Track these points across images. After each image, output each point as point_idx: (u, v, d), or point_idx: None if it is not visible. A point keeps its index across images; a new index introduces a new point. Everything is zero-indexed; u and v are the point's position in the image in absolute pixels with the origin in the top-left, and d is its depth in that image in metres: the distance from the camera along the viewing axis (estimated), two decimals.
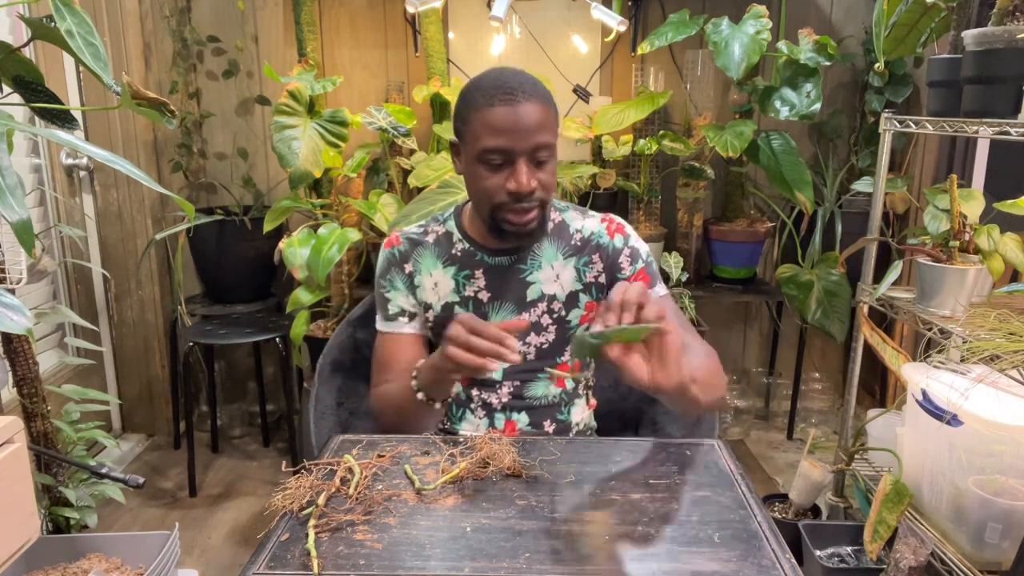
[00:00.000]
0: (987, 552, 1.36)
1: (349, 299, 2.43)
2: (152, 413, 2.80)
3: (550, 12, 2.72)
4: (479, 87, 1.14)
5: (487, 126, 1.11)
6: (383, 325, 1.34)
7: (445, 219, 1.35)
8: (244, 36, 2.70)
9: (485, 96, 1.12)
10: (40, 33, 1.12)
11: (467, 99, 1.15)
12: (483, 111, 1.11)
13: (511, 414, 1.32)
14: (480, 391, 1.33)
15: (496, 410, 1.32)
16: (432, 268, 1.31)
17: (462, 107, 1.17)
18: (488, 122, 1.11)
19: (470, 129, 1.14)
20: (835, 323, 2.46)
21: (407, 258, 1.32)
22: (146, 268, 2.67)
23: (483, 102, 1.12)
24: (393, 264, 1.33)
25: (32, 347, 1.67)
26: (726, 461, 1.08)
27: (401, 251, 1.33)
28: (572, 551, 0.84)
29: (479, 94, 1.13)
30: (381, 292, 1.33)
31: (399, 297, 1.32)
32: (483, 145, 1.12)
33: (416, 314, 1.33)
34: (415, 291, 1.32)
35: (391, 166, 2.53)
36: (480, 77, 1.17)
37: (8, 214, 0.89)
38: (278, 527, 0.89)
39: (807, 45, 2.34)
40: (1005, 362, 1.16)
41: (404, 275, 1.32)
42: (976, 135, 1.50)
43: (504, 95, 1.11)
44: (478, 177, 1.16)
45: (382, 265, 1.34)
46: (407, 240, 1.34)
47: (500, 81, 1.13)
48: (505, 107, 1.11)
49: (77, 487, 1.74)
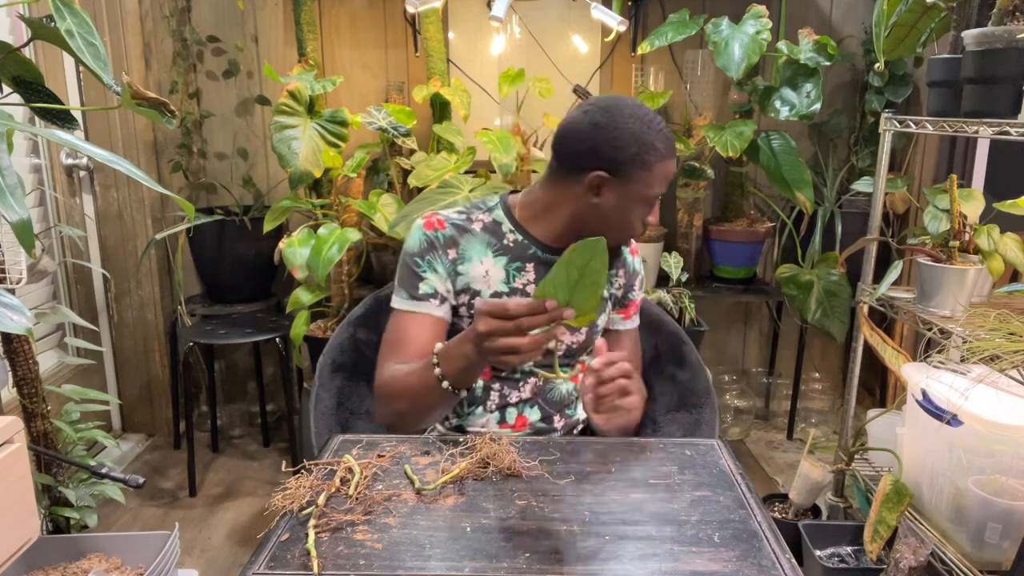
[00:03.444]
0: (987, 552, 1.36)
1: (349, 299, 2.43)
2: (152, 413, 2.80)
3: (550, 12, 2.72)
4: (655, 135, 1.19)
5: (662, 176, 1.22)
6: (406, 303, 1.29)
7: (490, 208, 1.34)
8: (244, 36, 2.70)
9: (666, 148, 1.20)
10: (40, 33, 1.12)
11: (648, 146, 1.18)
12: (664, 163, 1.21)
13: (525, 408, 1.33)
14: (502, 386, 1.32)
15: (511, 404, 1.33)
16: (483, 256, 1.30)
17: (641, 151, 1.18)
18: (664, 173, 1.22)
19: (647, 175, 1.20)
20: (835, 323, 2.46)
21: (453, 244, 1.30)
22: (146, 268, 2.67)
23: (665, 154, 1.20)
24: (436, 247, 1.29)
25: (32, 347, 1.67)
26: (726, 461, 1.08)
27: (446, 235, 1.30)
28: (572, 551, 0.84)
29: (660, 144, 1.20)
30: (413, 270, 1.29)
31: (435, 279, 1.29)
32: (655, 191, 1.22)
33: (447, 299, 1.30)
34: (457, 277, 1.30)
35: (391, 166, 2.53)
36: (648, 121, 1.20)
37: (8, 214, 0.89)
38: (278, 527, 0.89)
39: (807, 45, 2.34)
40: (1005, 362, 1.16)
41: (447, 260, 1.29)
42: (976, 135, 1.50)
43: (673, 148, 1.23)
44: (634, 214, 1.24)
45: (420, 245, 1.29)
46: (452, 226, 1.31)
47: (668, 133, 1.22)
48: (673, 159, 1.24)
49: (77, 487, 1.74)
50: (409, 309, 1.29)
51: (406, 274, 1.30)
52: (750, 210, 2.76)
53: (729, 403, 2.84)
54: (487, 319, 0.99)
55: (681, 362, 1.56)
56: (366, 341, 1.56)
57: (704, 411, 1.49)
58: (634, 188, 1.20)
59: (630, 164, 1.18)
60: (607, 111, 1.19)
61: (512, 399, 1.33)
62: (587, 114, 1.21)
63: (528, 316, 0.95)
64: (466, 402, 1.34)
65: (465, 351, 1.08)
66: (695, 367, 1.55)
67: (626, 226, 1.25)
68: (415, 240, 1.30)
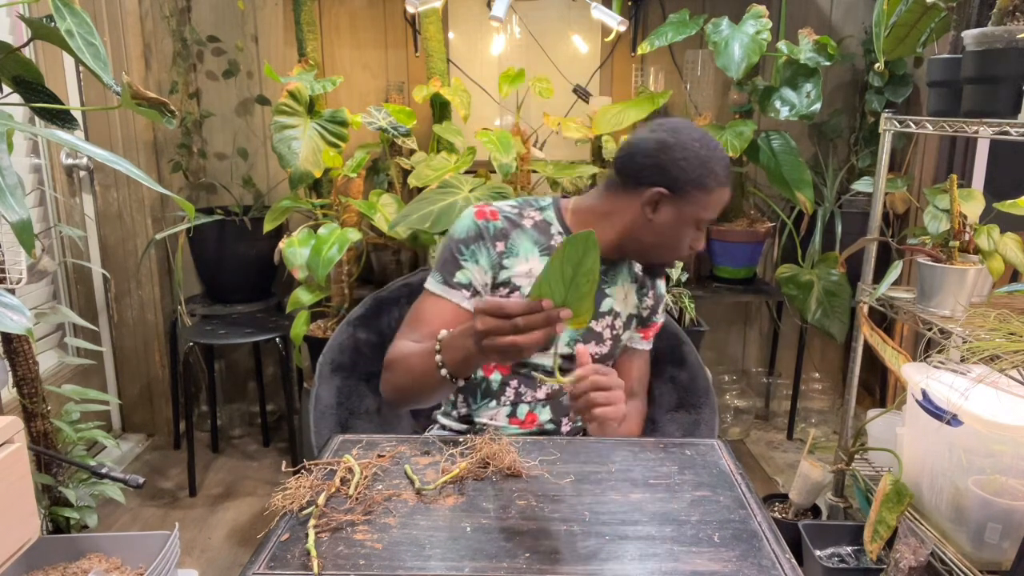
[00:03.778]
0: (987, 552, 1.36)
1: (349, 299, 2.43)
2: (152, 413, 2.80)
3: (550, 12, 2.72)
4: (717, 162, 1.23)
5: (718, 202, 1.25)
6: (439, 288, 1.29)
7: (543, 207, 1.35)
8: (244, 36, 2.70)
9: (724, 175, 1.25)
10: (40, 33, 1.12)
11: (710, 170, 1.22)
12: (721, 190, 1.25)
13: (537, 407, 1.34)
14: (520, 383, 1.33)
15: (525, 402, 1.34)
16: (529, 253, 1.30)
17: (703, 174, 1.22)
18: (720, 199, 1.25)
19: (705, 198, 1.23)
20: (835, 323, 2.46)
21: (503, 236, 1.30)
22: (146, 268, 2.67)
23: (723, 182, 1.24)
24: (485, 237, 1.29)
25: (32, 347, 1.67)
26: (726, 461, 1.08)
27: (498, 227, 1.30)
28: (572, 551, 0.84)
29: (720, 170, 1.24)
30: (455, 257, 1.29)
31: (474, 271, 1.29)
32: (708, 216, 1.26)
33: (480, 293, 1.30)
34: (501, 270, 1.30)
35: (391, 166, 2.53)
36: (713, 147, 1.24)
37: (8, 214, 0.89)
38: (278, 527, 0.89)
39: (807, 45, 2.34)
40: (1005, 362, 1.16)
41: (494, 252, 1.29)
42: (976, 135, 1.50)
43: (729, 179, 1.27)
44: (685, 235, 1.27)
45: (469, 233, 1.29)
46: (505, 218, 1.31)
47: (727, 164, 1.26)
48: (728, 190, 1.27)
49: (77, 487, 1.74)
50: (439, 293, 1.29)
51: (447, 259, 1.30)
52: (750, 210, 2.76)
53: (729, 403, 2.84)
54: (484, 318, 0.99)
55: (681, 362, 1.56)
56: (366, 341, 1.56)
57: (704, 411, 1.49)
58: (690, 209, 1.23)
59: (691, 185, 1.22)
60: (675, 132, 1.23)
61: (527, 397, 1.34)
62: (655, 132, 1.24)
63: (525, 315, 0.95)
64: (480, 393, 1.35)
65: (465, 344, 1.08)
66: (695, 367, 1.55)
67: (675, 246, 1.28)
68: (463, 227, 1.30)
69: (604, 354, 1.37)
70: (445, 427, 1.41)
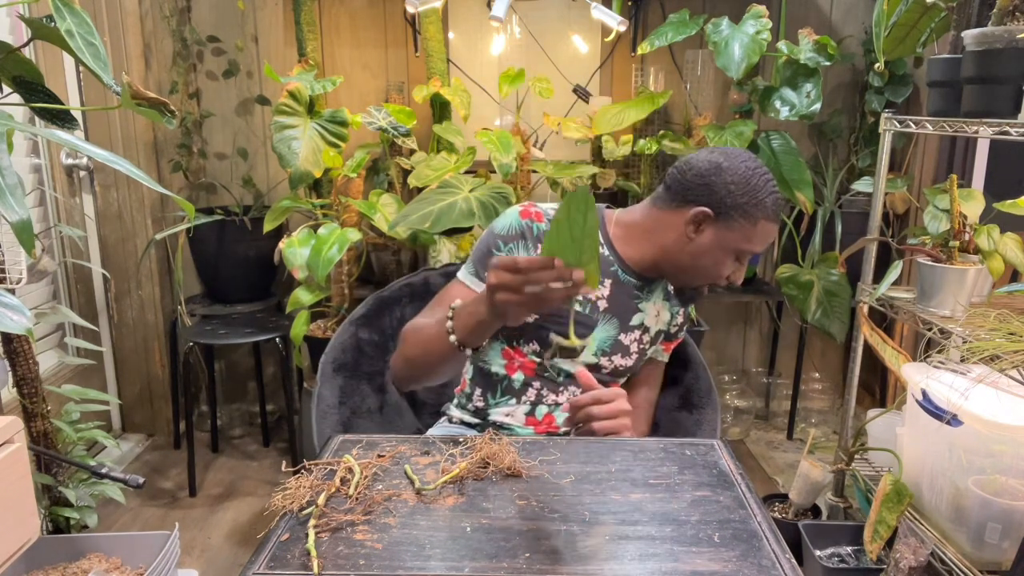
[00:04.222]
0: (987, 552, 1.36)
1: (349, 299, 2.43)
2: (152, 413, 2.80)
3: (550, 12, 2.72)
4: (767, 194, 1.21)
5: (763, 235, 1.23)
6: (469, 278, 1.29)
7: None
8: (244, 36, 2.70)
9: (774, 210, 1.23)
10: (40, 33, 1.12)
11: (758, 200, 1.21)
12: (770, 224, 1.23)
13: (556, 410, 1.34)
14: (542, 385, 1.33)
15: (545, 404, 1.34)
16: None
17: (750, 202, 1.20)
18: (765, 232, 1.23)
19: (750, 228, 1.22)
20: (835, 323, 2.46)
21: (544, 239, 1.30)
22: (146, 268, 2.67)
23: (771, 215, 1.22)
24: (527, 237, 1.28)
25: (32, 347, 1.67)
26: (726, 461, 1.08)
27: (542, 229, 1.29)
28: (572, 551, 0.84)
29: (770, 203, 1.22)
30: (492, 251, 1.28)
31: None
32: (750, 248, 1.23)
33: None
34: None
35: (391, 166, 2.53)
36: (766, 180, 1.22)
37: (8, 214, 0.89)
38: (278, 527, 0.89)
39: (807, 45, 2.34)
40: (1005, 362, 1.16)
41: (533, 252, 1.28)
42: (976, 135, 1.50)
43: (778, 215, 1.24)
44: (722, 262, 1.25)
45: (511, 230, 1.29)
46: (549, 221, 1.29)
47: (780, 199, 1.24)
48: (777, 224, 1.25)
49: (77, 487, 1.74)
50: (467, 283, 1.29)
51: (482, 252, 1.30)
52: None
53: (729, 403, 2.84)
54: (498, 272, 0.99)
55: (683, 362, 1.56)
56: (368, 341, 1.57)
57: (705, 411, 1.49)
58: (732, 236, 1.22)
59: (736, 211, 1.20)
60: (730, 156, 1.23)
61: (548, 400, 1.34)
62: (712, 154, 1.24)
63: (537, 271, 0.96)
64: (500, 390, 1.35)
65: (478, 309, 1.09)
66: (697, 367, 1.55)
67: (712, 271, 1.26)
68: (506, 223, 1.30)
69: (628, 367, 1.37)
70: (454, 420, 1.41)
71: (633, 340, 1.35)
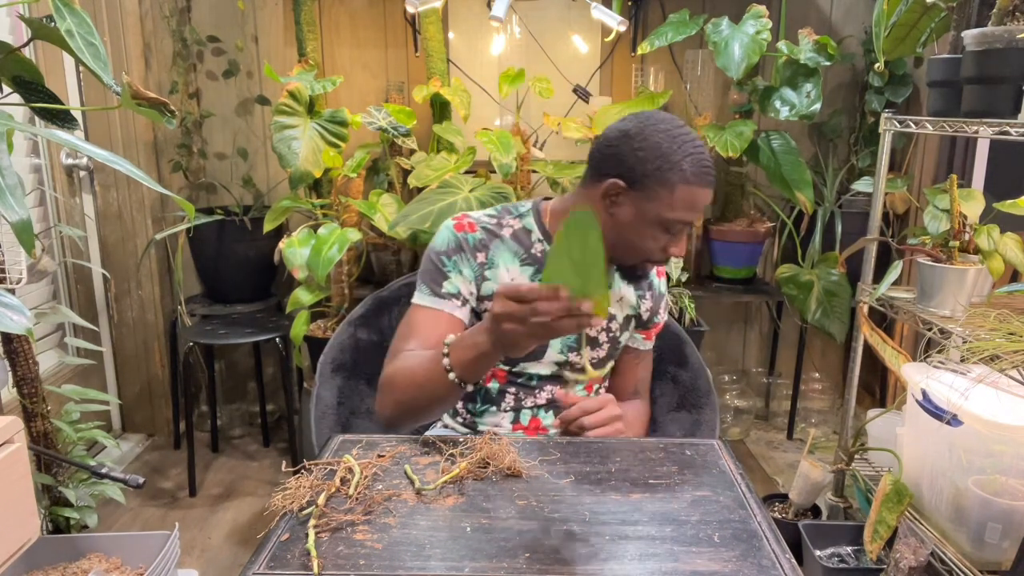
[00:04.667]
0: (987, 552, 1.36)
1: (349, 299, 2.43)
2: (152, 413, 2.80)
3: (550, 12, 2.72)
4: (687, 156, 1.12)
5: (687, 202, 1.14)
6: (428, 300, 1.26)
7: (522, 213, 1.31)
8: (244, 36, 2.70)
9: (695, 172, 1.13)
10: (40, 33, 1.12)
11: (672, 164, 1.12)
12: (692, 188, 1.13)
13: (540, 412, 1.33)
14: (518, 391, 1.32)
15: (526, 408, 1.33)
16: (509, 263, 1.28)
17: (663, 167, 1.12)
18: (690, 199, 1.14)
19: (667, 194, 1.13)
20: (835, 323, 2.46)
21: (483, 247, 1.27)
22: (146, 268, 2.67)
23: (693, 179, 1.12)
24: (464, 249, 1.27)
25: (32, 347, 1.67)
26: (726, 461, 1.08)
27: (476, 239, 1.28)
28: (572, 551, 0.84)
29: (688, 166, 1.12)
30: (439, 268, 1.26)
31: (460, 281, 1.26)
32: (675, 216, 1.14)
33: (469, 302, 1.27)
34: (484, 282, 1.27)
35: (391, 166, 2.53)
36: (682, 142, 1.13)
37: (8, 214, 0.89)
38: (278, 527, 0.89)
39: (807, 45, 2.34)
40: (1005, 362, 1.16)
41: (475, 263, 1.27)
42: (976, 135, 1.50)
43: (708, 177, 1.14)
44: (648, 235, 1.17)
45: (449, 245, 1.27)
46: (483, 229, 1.29)
47: (705, 160, 1.14)
48: (706, 189, 1.15)
49: (77, 487, 1.74)
50: (429, 305, 1.26)
51: (430, 271, 1.28)
52: (750, 210, 2.76)
53: (729, 403, 2.84)
54: (504, 301, 0.96)
55: (682, 362, 1.56)
56: (367, 341, 1.56)
57: (704, 411, 1.49)
58: (651, 206, 1.14)
59: (650, 178, 1.13)
60: (641, 121, 1.16)
61: (527, 403, 1.32)
62: (623, 121, 1.17)
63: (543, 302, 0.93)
64: (480, 399, 1.33)
65: (478, 341, 1.05)
66: (696, 367, 1.55)
67: (642, 246, 1.19)
68: (443, 239, 1.28)
69: (602, 358, 1.35)
70: (448, 427, 1.41)
71: (600, 330, 1.33)
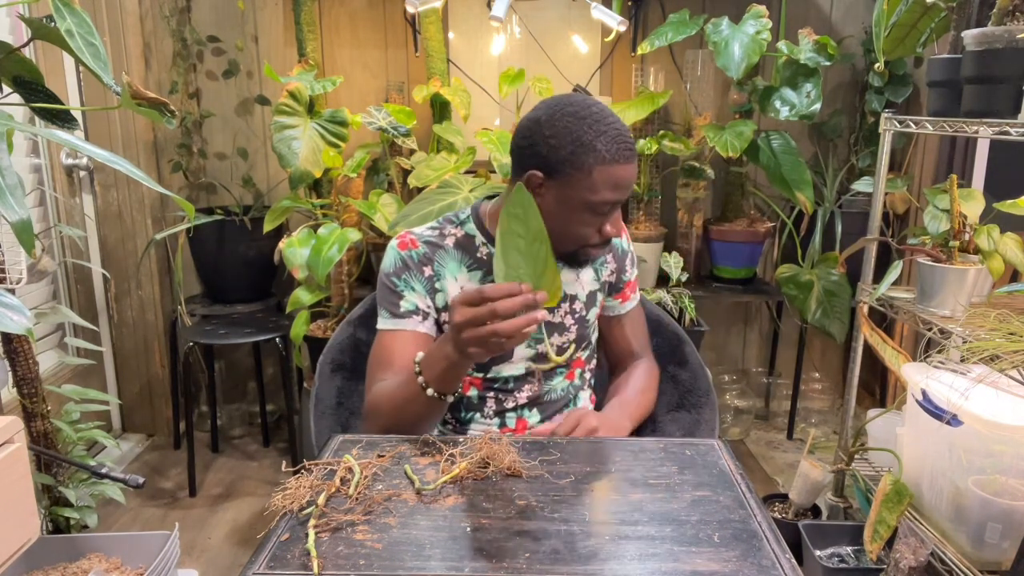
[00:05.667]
0: (987, 552, 1.36)
1: (349, 299, 2.43)
2: (152, 413, 2.80)
3: (550, 12, 2.72)
4: (597, 136, 1.09)
5: (610, 182, 1.11)
6: (390, 323, 1.26)
7: (462, 221, 1.31)
8: (244, 36, 2.70)
9: (610, 151, 1.10)
10: (40, 33, 1.12)
11: (585, 146, 1.09)
12: (611, 167, 1.10)
13: (524, 412, 1.33)
14: (496, 394, 1.32)
15: (508, 410, 1.33)
16: (456, 272, 1.27)
17: (576, 151, 1.09)
18: (612, 178, 1.11)
19: (586, 178, 1.10)
20: (835, 323, 2.46)
21: (427, 261, 1.27)
22: (146, 268, 2.67)
23: (609, 158, 1.10)
24: (410, 267, 1.27)
25: (32, 347, 1.67)
26: (726, 461, 1.08)
27: (420, 254, 1.27)
28: (572, 551, 0.84)
29: (602, 146, 1.09)
30: (393, 289, 1.27)
31: (415, 297, 1.26)
32: (599, 198, 1.12)
33: (429, 314, 1.28)
34: (435, 295, 1.27)
35: (391, 166, 2.53)
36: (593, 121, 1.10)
37: (8, 214, 0.89)
38: (278, 527, 0.89)
39: (807, 45, 2.34)
40: (1005, 362, 1.16)
41: (423, 278, 1.27)
42: (976, 135, 1.50)
43: (626, 152, 1.11)
44: (577, 221, 1.15)
45: (395, 265, 1.27)
46: (425, 243, 1.28)
47: (621, 137, 1.11)
48: (627, 165, 1.12)
49: (77, 487, 1.74)
50: (392, 328, 1.26)
51: (385, 294, 1.28)
52: (750, 210, 2.76)
53: (729, 403, 2.84)
54: (462, 308, 0.97)
55: (681, 362, 1.56)
56: (366, 341, 1.56)
57: (704, 411, 1.49)
58: (572, 192, 1.12)
59: (565, 164, 1.10)
60: (549, 108, 1.13)
61: (508, 405, 1.32)
62: (534, 111, 1.15)
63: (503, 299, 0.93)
64: (463, 408, 1.34)
65: (445, 352, 1.06)
66: (695, 367, 1.55)
67: (574, 232, 1.17)
68: (390, 261, 1.28)
69: (572, 339, 1.34)
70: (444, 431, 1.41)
71: (564, 314, 1.32)
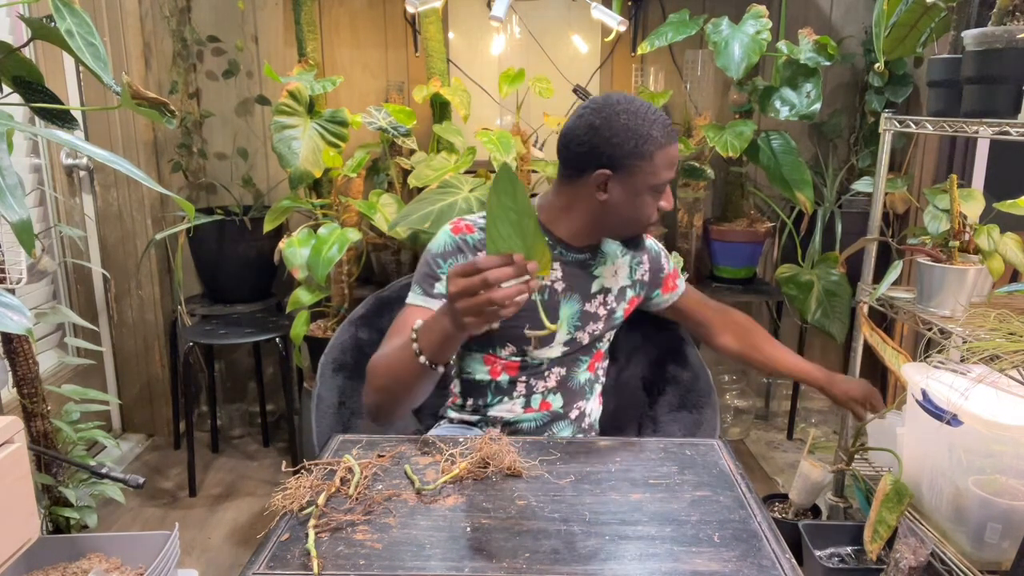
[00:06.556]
0: (987, 552, 1.36)
1: (349, 299, 2.43)
2: (152, 413, 2.80)
3: (550, 12, 2.72)
4: (650, 125, 1.21)
5: (665, 162, 1.24)
6: (420, 299, 1.30)
7: None
8: (244, 36, 2.70)
9: (663, 135, 1.23)
10: (40, 33, 1.12)
11: (644, 136, 1.21)
12: (666, 149, 1.23)
13: (549, 395, 1.39)
14: (528, 378, 1.37)
15: (537, 393, 1.38)
16: None
17: (639, 144, 1.21)
18: (669, 158, 1.24)
19: (648, 164, 1.23)
20: (835, 323, 2.46)
21: (482, 248, 1.31)
22: (146, 268, 2.67)
23: (664, 141, 1.23)
24: (464, 251, 1.30)
25: (32, 347, 1.67)
26: (726, 461, 1.08)
27: (475, 239, 1.31)
28: (572, 551, 0.84)
29: (657, 132, 1.22)
30: (433, 270, 1.30)
31: None
32: (663, 178, 1.25)
33: None
34: None
35: (391, 166, 2.53)
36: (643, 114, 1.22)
37: (8, 214, 0.89)
38: (278, 527, 0.89)
39: (807, 45, 2.34)
40: (1005, 362, 1.16)
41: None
42: (976, 135, 1.50)
43: (674, 133, 1.25)
44: (643, 204, 1.27)
45: (446, 248, 1.31)
46: (481, 230, 1.32)
47: (666, 120, 1.25)
48: (676, 144, 1.26)
49: (77, 487, 1.74)
50: (420, 304, 1.30)
51: (425, 273, 1.31)
52: (750, 210, 2.76)
53: (729, 403, 2.84)
54: (456, 279, 0.98)
55: (682, 362, 1.56)
56: (368, 341, 1.57)
57: (705, 411, 1.49)
58: (639, 179, 1.24)
59: (630, 158, 1.22)
60: (600, 111, 1.23)
61: (538, 389, 1.38)
62: (582, 118, 1.25)
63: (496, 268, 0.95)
64: (491, 394, 1.38)
65: (442, 324, 1.07)
66: (696, 367, 1.55)
67: (641, 215, 1.29)
68: (440, 242, 1.32)
69: (601, 329, 1.41)
70: (454, 421, 1.43)
71: (598, 305, 1.40)
